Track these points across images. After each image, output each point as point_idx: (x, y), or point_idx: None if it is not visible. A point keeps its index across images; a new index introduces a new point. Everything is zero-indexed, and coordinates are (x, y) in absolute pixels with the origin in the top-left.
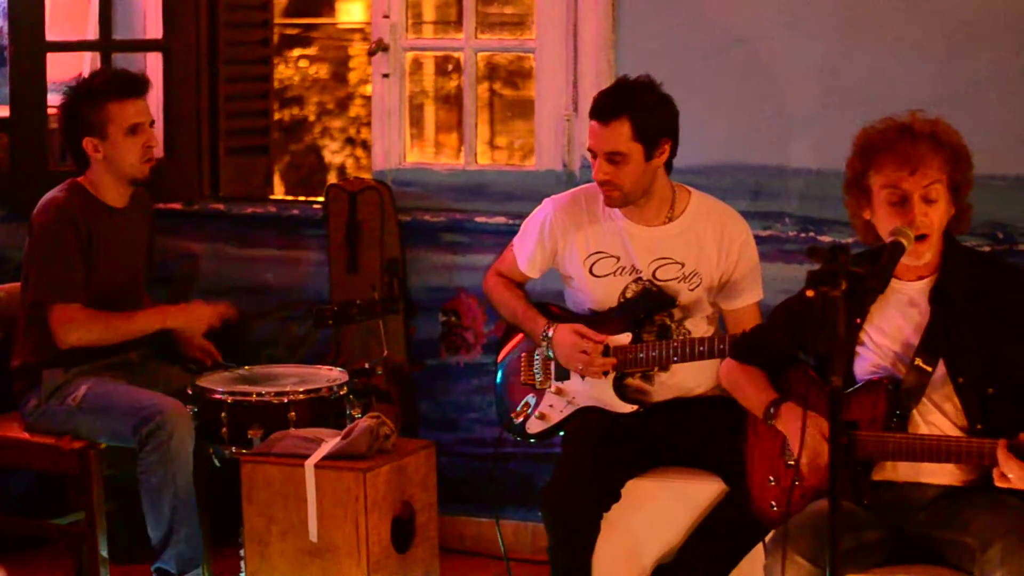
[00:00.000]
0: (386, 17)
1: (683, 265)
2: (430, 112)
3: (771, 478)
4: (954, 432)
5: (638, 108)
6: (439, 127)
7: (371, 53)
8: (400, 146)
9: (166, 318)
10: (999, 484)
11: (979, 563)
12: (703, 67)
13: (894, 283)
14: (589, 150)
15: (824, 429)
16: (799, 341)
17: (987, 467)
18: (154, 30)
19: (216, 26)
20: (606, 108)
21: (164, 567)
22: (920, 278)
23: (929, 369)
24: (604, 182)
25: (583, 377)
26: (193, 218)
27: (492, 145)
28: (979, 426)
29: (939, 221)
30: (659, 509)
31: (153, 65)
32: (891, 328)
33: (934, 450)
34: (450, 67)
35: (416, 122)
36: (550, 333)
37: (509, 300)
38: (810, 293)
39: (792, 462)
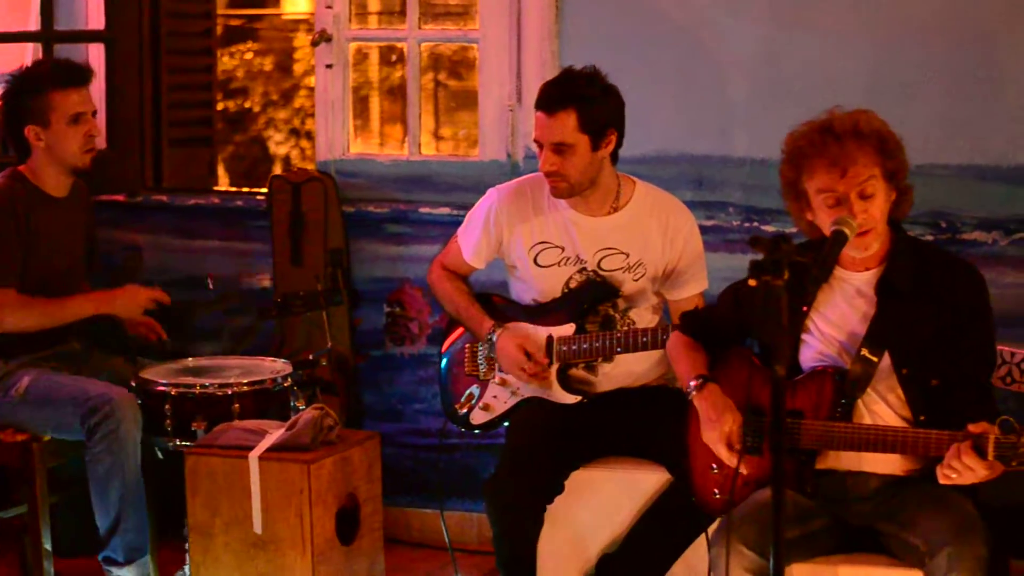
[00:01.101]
0: (329, 7)
1: (628, 255)
2: (376, 103)
3: (713, 466)
4: (898, 423)
5: (584, 99)
6: (384, 118)
7: (314, 44)
8: (344, 137)
9: (100, 303)
10: (943, 482)
11: (927, 568)
12: (646, 57)
13: (842, 273)
14: (535, 141)
15: (727, 430)
16: (745, 325)
17: (930, 458)
18: (96, 20)
19: (159, 17)
20: (552, 99)
21: (111, 555)
22: (867, 269)
23: (875, 359)
24: (551, 173)
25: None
26: (136, 210)
27: (437, 136)
28: (922, 417)
29: (880, 214)
30: (603, 499)
31: (96, 56)
32: (838, 318)
33: (879, 441)
34: (394, 58)
35: (361, 113)
36: (494, 338)
37: (453, 296)
38: (753, 283)
39: (738, 448)
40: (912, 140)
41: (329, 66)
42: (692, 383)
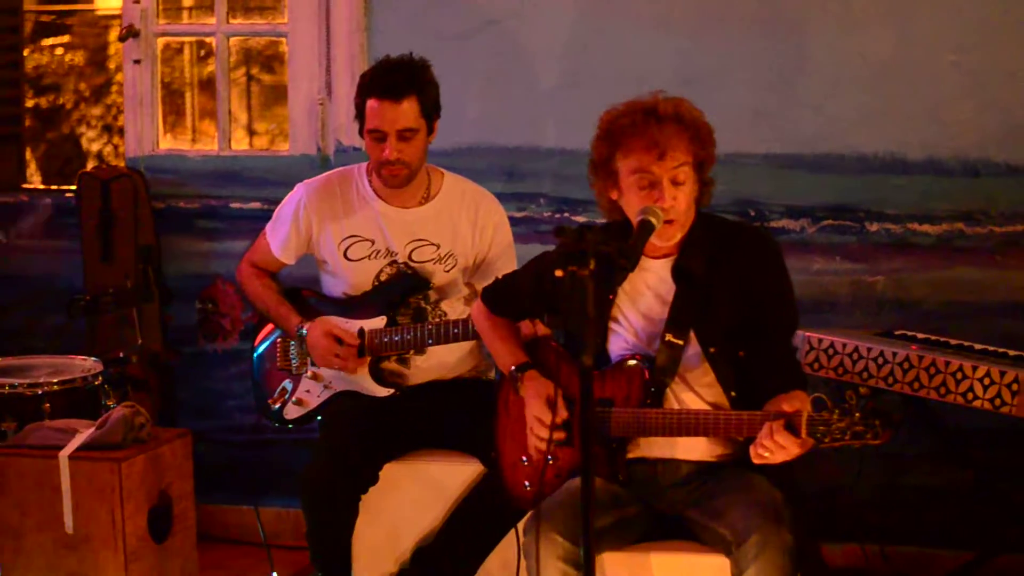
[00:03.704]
0: (136, 2)
1: (438, 247)
2: (190, 99)
3: (523, 458)
4: (707, 406)
5: (423, 84)
6: (199, 114)
7: (122, 39)
8: (153, 133)
9: None
10: (757, 462)
11: (734, 556)
12: (455, 49)
13: (645, 261)
14: (372, 130)
15: (543, 414)
16: (546, 304)
17: (740, 442)
18: None
19: None
20: (397, 86)
21: None
22: (666, 255)
23: (680, 343)
24: (395, 161)
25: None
26: None
27: (252, 131)
28: (733, 393)
29: (687, 202)
30: (418, 492)
31: None
32: (643, 306)
33: (691, 425)
34: (203, 53)
35: (176, 109)
36: (303, 332)
37: (262, 294)
38: (559, 273)
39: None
40: (719, 129)
41: (137, 61)
42: (517, 373)
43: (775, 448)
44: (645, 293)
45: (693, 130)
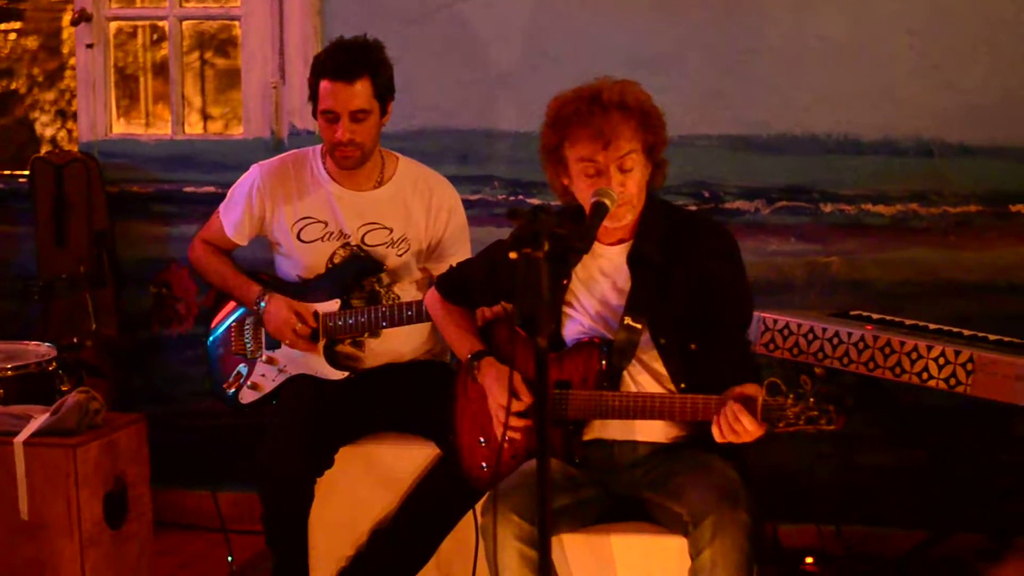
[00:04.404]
0: None
1: (391, 230)
2: (145, 83)
3: (481, 439)
4: (663, 390)
5: (376, 65)
6: (154, 98)
7: (74, 23)
8: (106, 117)
9: None
10: (719, 440)
11: (692, 537)
12: (408, 31)
13: (598, 247)
14: (325, 111)
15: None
16: (500, 291)
17: (696, 424)
18: None
19: None
20: (350, 67)
21: None
22: (620, 241)
23: (639, 327)
24: (348, 142)
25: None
26: None
27: (206, 115)
28: (683, 384)
29: (637, 188)
30: (374, 475)
31: None
32: (598, 292)
33: (646, 408)
34: (156, 36)
35: (131, 93)
36: (263, 303)
37: (219, 268)
38: (513, 255)
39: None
40: (673, 111)
41: (90, 46)
42: (474, 361)
43: (741, 431)
44: (599, 279)
45: (640, 116)
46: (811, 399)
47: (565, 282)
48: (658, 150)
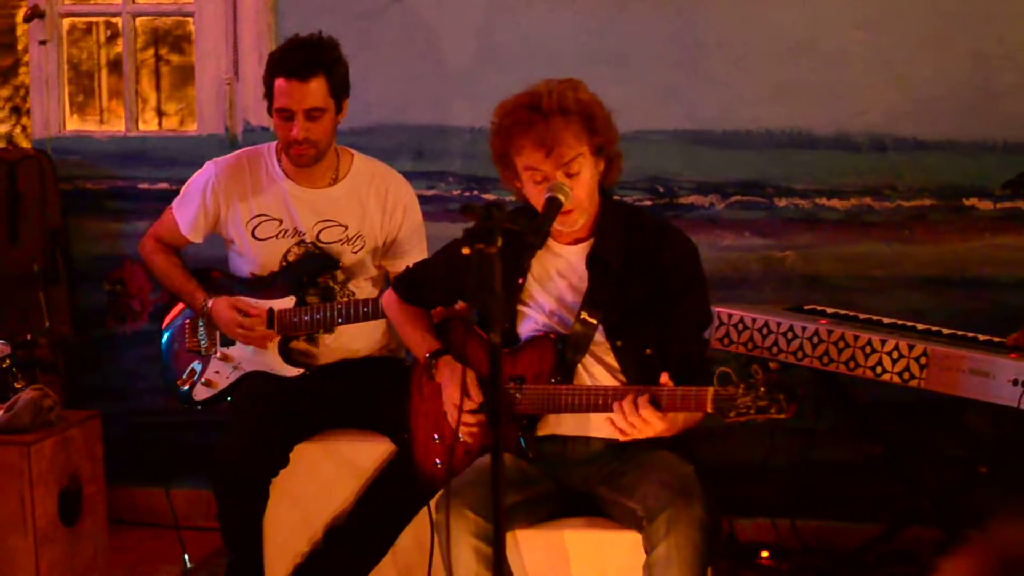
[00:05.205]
0: None
1: (347, 227)
2: (100, 80)
3: (436, 436)
4: (616, 383)
5: (331, 63)
6: (109, 95)
7: (27, 19)
8: (60, 114)
9: None
10: (622, 439)
11: (646, 532)
12: (363, 27)
13: (555, 247)
14: (280, 109)
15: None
16: (458, 290)
17: None
18: None
19: None
20: (305, 65)
21: None
22: (577, 242)
23: (595, 322)
24: (303, 140)
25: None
26: None
27: (161, 112)
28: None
29: (586, 192)
30: (329, 471)
31: None
32: (554, 291)
33: (600, 401)
34: (110, 33)
35: (88, 90)
36: (207, 307)
37: (167, 270)
38: (466, 251)
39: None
40: (627, 107)
41: (43, 42)
42: (431, 360)
43: (640, 424)
44: (556, 279)
45: (583, 118)
46: (761, 388)
47: (521, 280)
48: (608, 148)
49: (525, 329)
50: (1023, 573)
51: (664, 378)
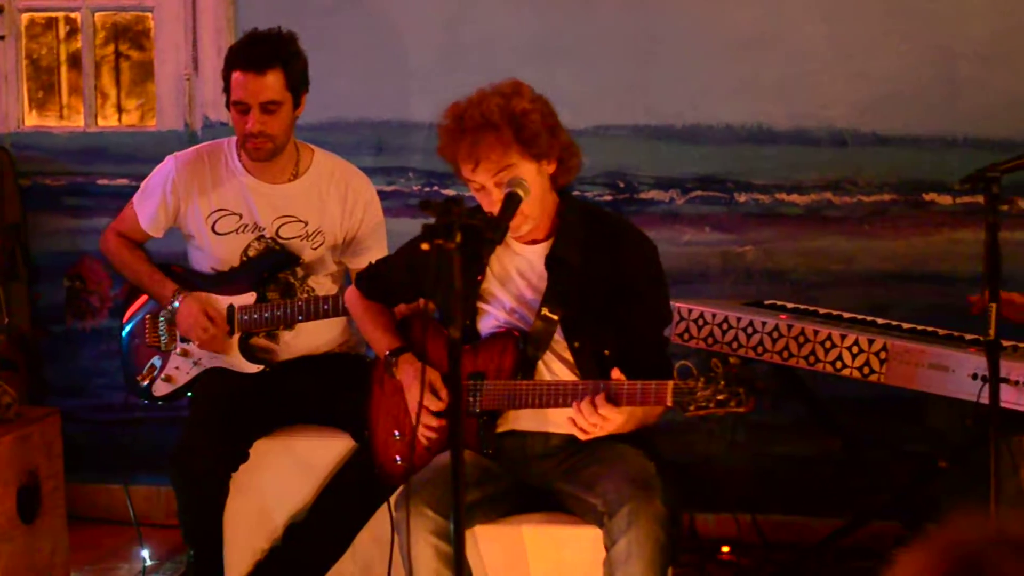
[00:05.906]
0: None
1: (306, 224)
2: (60, 76)
3: (396, 433)
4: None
5: (288, 57)
6: (69, 90)
7: None
8: (19, 109)
9: None
10: (583, 439)
11: (607, 527)
12: (324, 23)
13: (515, 246)
14: (236, 103)
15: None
16: (419, 287)
17: None
18: None
19: None
20: (261, 58)
21: None
22: (536, 242)
23: (555, 318)
24: (258, 133)
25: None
26: None
27: (121, 107)
28: None
29: (534, 205)
30: (289, 468)
31: None
32: (515, 288)
33: (559, 396)
34: (70, 29)
35: (47, 86)
36: (177, 303)
37: (132, 263)
38: (425, 246)
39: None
40: (586, 103)
41: (1, 37)
42: (392, 358)
43: (600, 422)
44: (515, 278)
45: (512, 129)
46: (721, 382)
47: (480, 277)
48: (552, 152)
49: (486, 326)
50: (979, 567)
51: (616, 373)
